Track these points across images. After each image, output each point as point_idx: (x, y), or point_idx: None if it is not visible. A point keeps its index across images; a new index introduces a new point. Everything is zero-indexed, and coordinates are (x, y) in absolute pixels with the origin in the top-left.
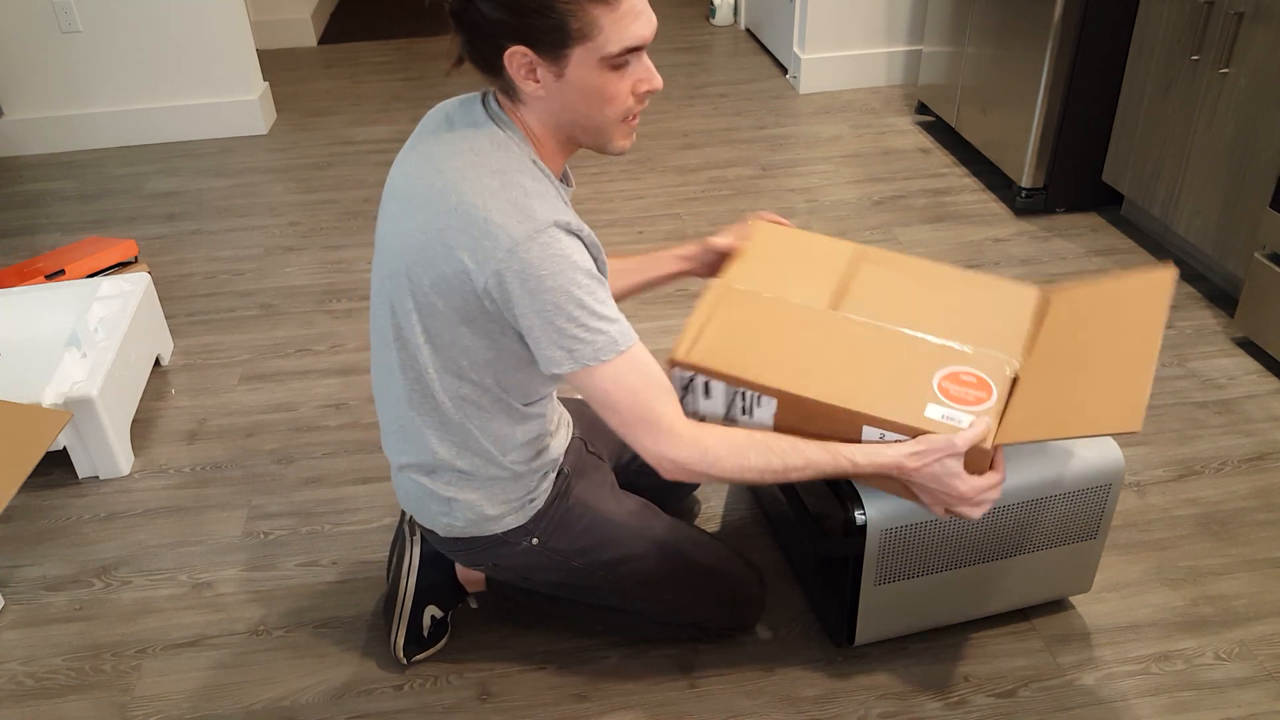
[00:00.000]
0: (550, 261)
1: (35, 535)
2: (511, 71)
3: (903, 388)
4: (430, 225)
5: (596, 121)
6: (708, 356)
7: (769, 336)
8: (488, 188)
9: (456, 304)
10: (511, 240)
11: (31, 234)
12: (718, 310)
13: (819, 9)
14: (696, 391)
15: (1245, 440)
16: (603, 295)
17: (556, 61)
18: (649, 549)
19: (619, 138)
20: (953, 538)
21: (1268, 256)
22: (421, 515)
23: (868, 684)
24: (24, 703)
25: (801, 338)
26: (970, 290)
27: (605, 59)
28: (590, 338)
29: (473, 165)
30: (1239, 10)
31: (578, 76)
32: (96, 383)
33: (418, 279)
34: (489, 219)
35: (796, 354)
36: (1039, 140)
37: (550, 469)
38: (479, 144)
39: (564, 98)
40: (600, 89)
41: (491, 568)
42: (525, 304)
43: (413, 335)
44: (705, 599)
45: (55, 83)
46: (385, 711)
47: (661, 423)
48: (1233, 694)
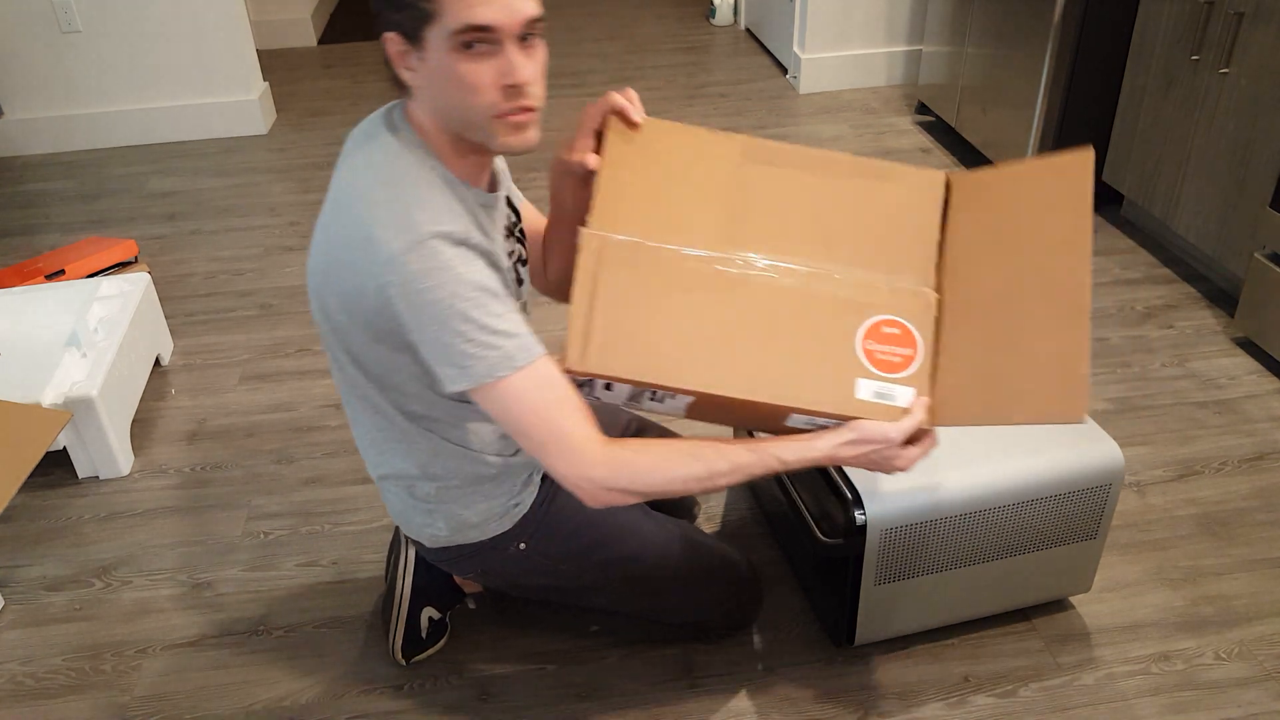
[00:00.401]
0: (430, 274)
1: (35, 535)
2: (391, 59)
3: (826, 364)
4: (328, 244)
5: (466, 113)
6: (604, 361)
7: (669, 322)
8: (375, 200)
9: (362, 323)
10: (390, 253)
11: (31, 234)
12: (601, 286)
13: (819, 9)
14: (595, 387)
15: (1245, 440)
16: (497, 309)
17: (419, 45)
18: (642, 551)
19: (500, 134)
20: (953, 538)
21: (1268, 256)
22: (407, 527)
23: (867, 684)
24: (24, 703)
25: (706, 318)
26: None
27: (452, 37)
28: (482, 353)
29: (364, 179)
30: (1239, 10)
31: (436, 60)
32: (96, 383)
33: (326, 301)
34: (371, 233)
35: (704, 342)
36: (1039, 140)
37: (534, 470)
38: (374, 156)
39: (433, 85)
40: (458, 75)
41: (481, 574)
42: (410, 319)
43: (342, 357)
44: (701, 600)
45: (55, 83)
46: (385, 711)
47: (572, 440)
48: (1233, 694)
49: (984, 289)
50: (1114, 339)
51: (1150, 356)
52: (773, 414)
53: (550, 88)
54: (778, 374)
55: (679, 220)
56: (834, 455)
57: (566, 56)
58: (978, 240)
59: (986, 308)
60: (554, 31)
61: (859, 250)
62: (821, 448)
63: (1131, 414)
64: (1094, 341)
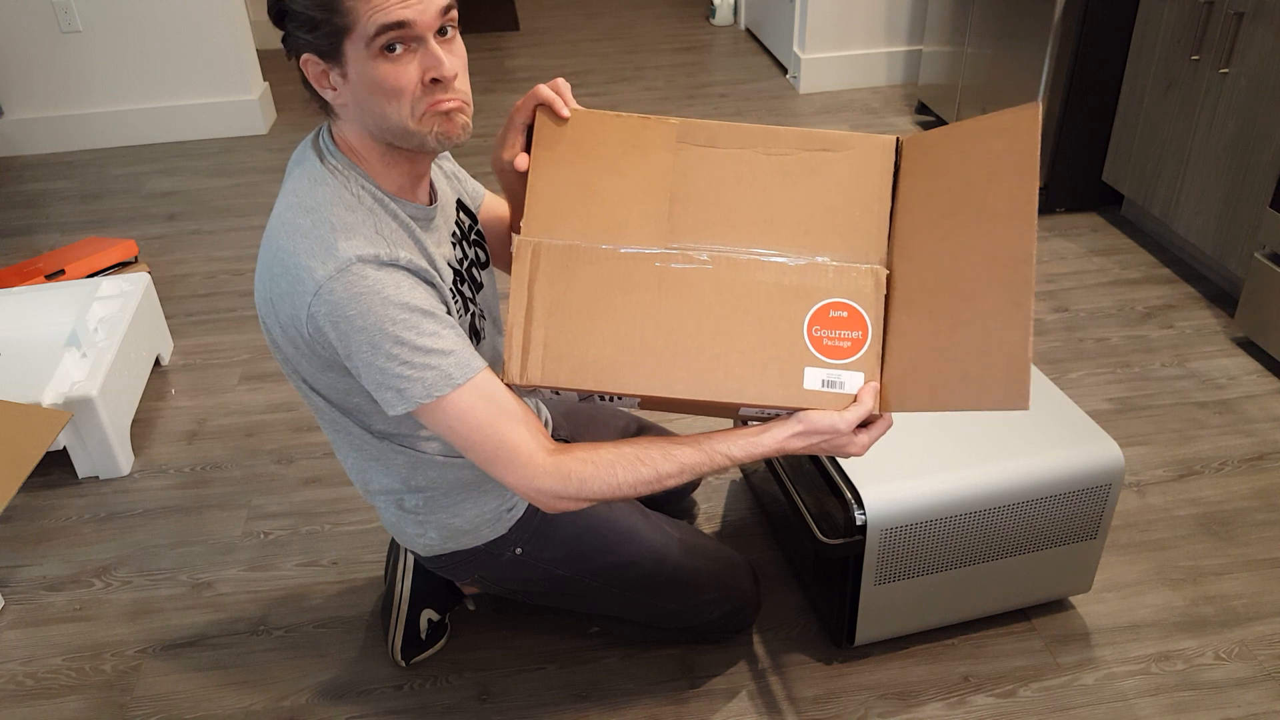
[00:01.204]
0: (355, 300)
1: (35, 535)
2: (312, 81)
3: (772, 355)
4: (262, 276)
5: (395, 120)
6: (545, 373)
7: (610, 327)
8: (299, 229)
9: (305, 351)
10: (315, 282)
11: (31, 234)
12: (538, 294)
13: (819, 9)
14: (541, 392)
15: (1245, 440)
16: (430, 328)
17: (338, 61)
18: (639, 555)
19: (434, 128)
20: (953, 538)
21: (1268, 256)
22: (401, 538)
23: (867, 684)
24: (24, 702)
25: (648, 319)
26: (817, 163)
27: (370, 44)
28: (417, 375)
29: (290, 207)
30: (1239, 10)
31: (358, 72)
32: (96, 383)
33: (273, 332)
34: (297, 263)
35: (647, 344)
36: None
37: None
38: (299, 183)
39: (358, 99)
40: (382, 81)
41: (479, 580)
42: (343, 347)
43: (301, 384)
44: (699, 603)
45: (55, 83)
46: (385, 711)
47: (518, 452)
48: (1233, 694)
49: (932, 263)
50: (1114, 339)
51: (1150, 356)
52: (723, 411)
53: None
54: (723, 371)
55: (616, 216)
56: (783, 447)
57: (566, 56)
58: (925, 209)
59: (934, 284)
60: (554, 31)
61: (805, 229)
62: (768, 442)
63: (1131, 414)
64: (1095, 341)
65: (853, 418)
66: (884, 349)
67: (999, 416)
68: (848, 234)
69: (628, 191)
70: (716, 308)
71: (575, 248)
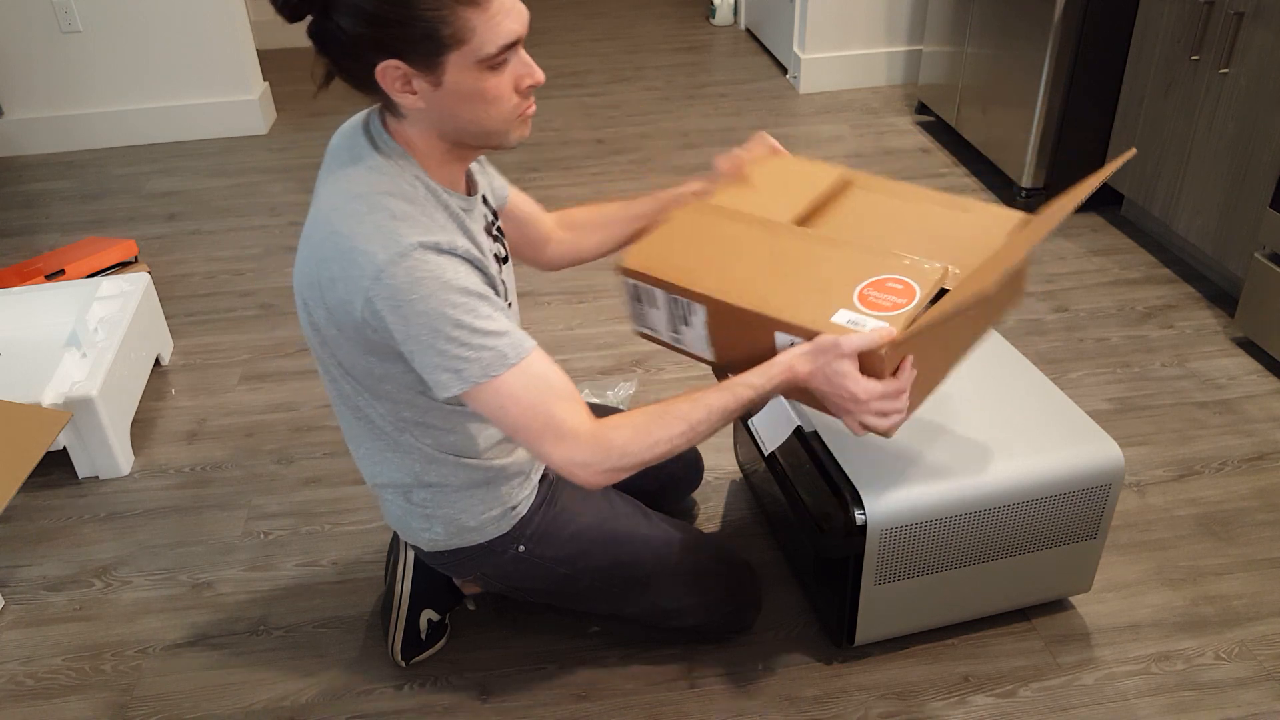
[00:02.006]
0: (417, 285)
1: (35, 535)
2: (386, 87)
3: (821, 293)
4: (311, 258)
5: (484, 125)
6: (646, 263)
7: (709, 246)
8: (355, 214)
9: (351, 335)
10: (376, 267)
11: (31, 234)
12: (673, 223)
13: (819, 9)
14: (644, 302)
15: (1245, 440)
16: (485, 310)
17: (432, 70)
18: (640, 554)
19: (515, 131)
20: (953, 538)
21: (1268, 256)
22: (405, 533)
23: (868, 683)
24: (24, 703)
25: (740, 247)
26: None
27: (483, 61)
28: (475, 355)
29: (342, 192)
30: (1239, 10)
31: (456, 82)
32: (96, 383)
33: (314, 312)
34: (354, 246)
35: (729, 261)
36: (1039, 140)
37: (528, 471)
38: (353, 171)
39: (445, 106)
40: (482, 92)
41: (480, 578)
42: (401, 330)
43: (333, 368)
44: (701, 603)
45: (55, 83)
46: (385, 711)
47: (564, 428)
48: (1233, 694)
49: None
50: (1114, 339)
51: (1150, 356)
52: (763, 329)
53: (550, 88)
54: (773, 293)
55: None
56: (792, 368)
57: (566, 57)
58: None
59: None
60: (554, 32)
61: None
62: (780, 362)
63: (1132, 414)
64: (1095, 341)
65: (855, 341)
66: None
67: (999, 416)
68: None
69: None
70: (798, 254)
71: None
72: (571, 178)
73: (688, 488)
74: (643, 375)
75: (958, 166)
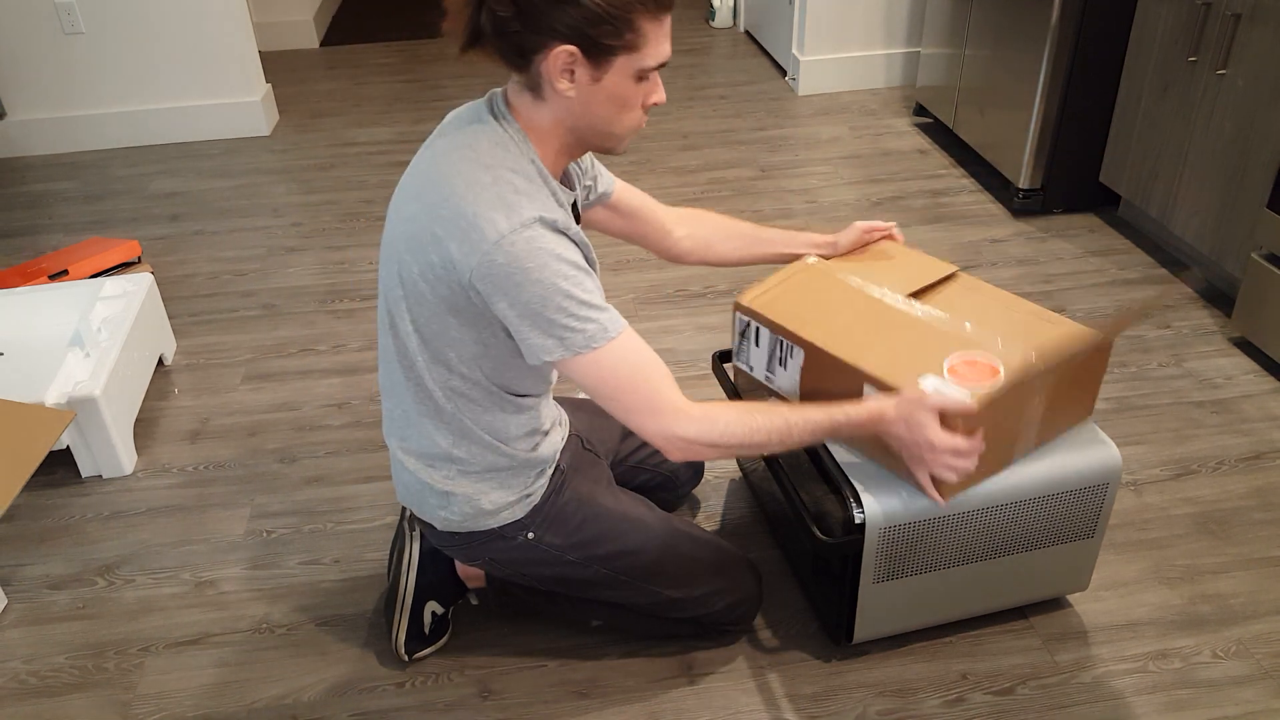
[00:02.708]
0: (535, 255)
1: (38, 534)
2: (547, 67)
3: (914, 358)
4: (422, 215)
5: (613, 127)
6: (761, 304)
7: (821, 301)
8: (479, 182)
9: (444, 294)
10: (498, 234)
11: (35, 234)
12: (794, 275)
13: (818, 11)
14: (749, 338)
15: (1242, 440)
16: (590, 286)
17: (600, 66)
18: (645, 543)
19: (627, 139)
20: (951, 536)
21: (1265, 257)
22: (420, 509)
23: (866, 681)
24: (27, 701)
25: (848, 307)
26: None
27: (641, 71)
28: (581, 326)
29: (467, 160)
30: (1236, 12)
31: (613, 83)
32: (100, 382)
33: (408, 267)
34: (477, 212)
35: (835, 318)
36: (1036, 141)
37: (546, 465)
38: (478, 141)
39: (591, 101)
40: (626, 97)
41: (488, 562)
42: (512, 296)
43: (403, 323)
44: (702, 594)
45: (58, 84)
46: (387, 709)
47: (665, 403)
48: (1230, 692)
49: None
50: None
51: (1147, 356)
52: (853, 380)
53: None
54: (870, 350)
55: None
56: (881, 409)
57: None
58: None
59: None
60: None
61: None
62: (871, 404)
63: (1129, 413)
64: None
65: (933, 398)
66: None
67: None
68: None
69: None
70: (896, 325)
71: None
72: None
73: (688, 485)
74: None
75: (955, 168)
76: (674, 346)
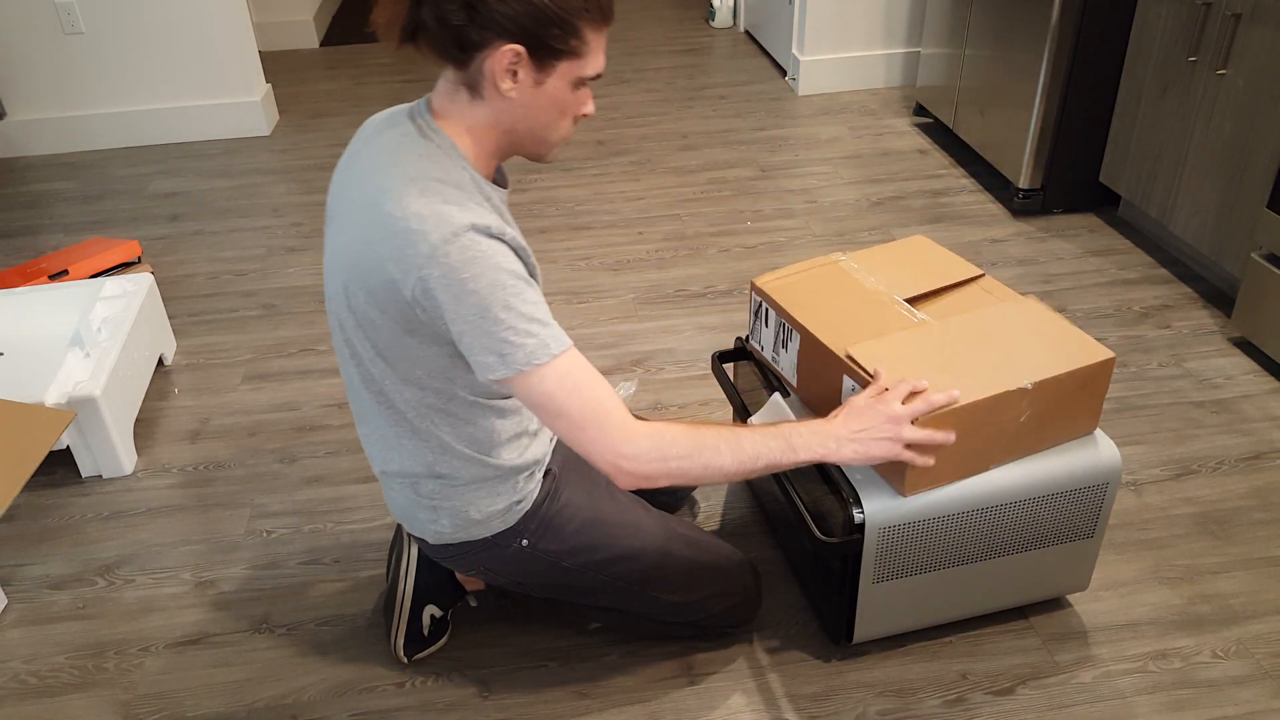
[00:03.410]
0: (471, 264)
1: (38, 534)
2: (490, 65)
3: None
4: (358, 238)
5: (548, 132)
6: (775, 289)
7: (827, 293)
8: (407, 194)
9: (395, 315)
10: (430, 245)
11: (35, 234)
12: (815, 268)
13: (818, 11)
14: (761, 318)
15: (1242, 440)
16: (532, 297)
17: (543, 69)
18: (643, 548)
19: (557, 147)
20: (951, 536)
21: (1265, 257)
22: (411, 524)
23: (866, 681)
24: (27, 701)
25: (851, 304)
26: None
27: (579, 79)
28: (521, 340)
29: (394, 176)
30: (1236, 12)
31: (554, 88)
32: (100, 382)
33: (354, 294)
34: (408, 226)
35: (835, 310)
36: (1036, 141)
37: (535, 469)
38: (402, 155)
39: (532, 104)
40: (563, 104)
41: (484, 572)
42: (451, 309)
43: (365, 352)
44: (701, 597)
45: (58, 84)
46: (387, 709)
47: (613, 419)
48: (1230, 692)
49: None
50: (1111, 339)
51: (1147, 356)
52: (835, 368)
53: None
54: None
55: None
56: (849, 404)
57: None
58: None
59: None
60: None
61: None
62: (829, 421)
63: (1129, 413)
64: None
65: (891, 382)
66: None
67: None
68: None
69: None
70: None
71: (852, 267)
72: (571, 179)
73: (685, 488)
74: (643, 375)
75: (955, 167)
76: (674, 346)
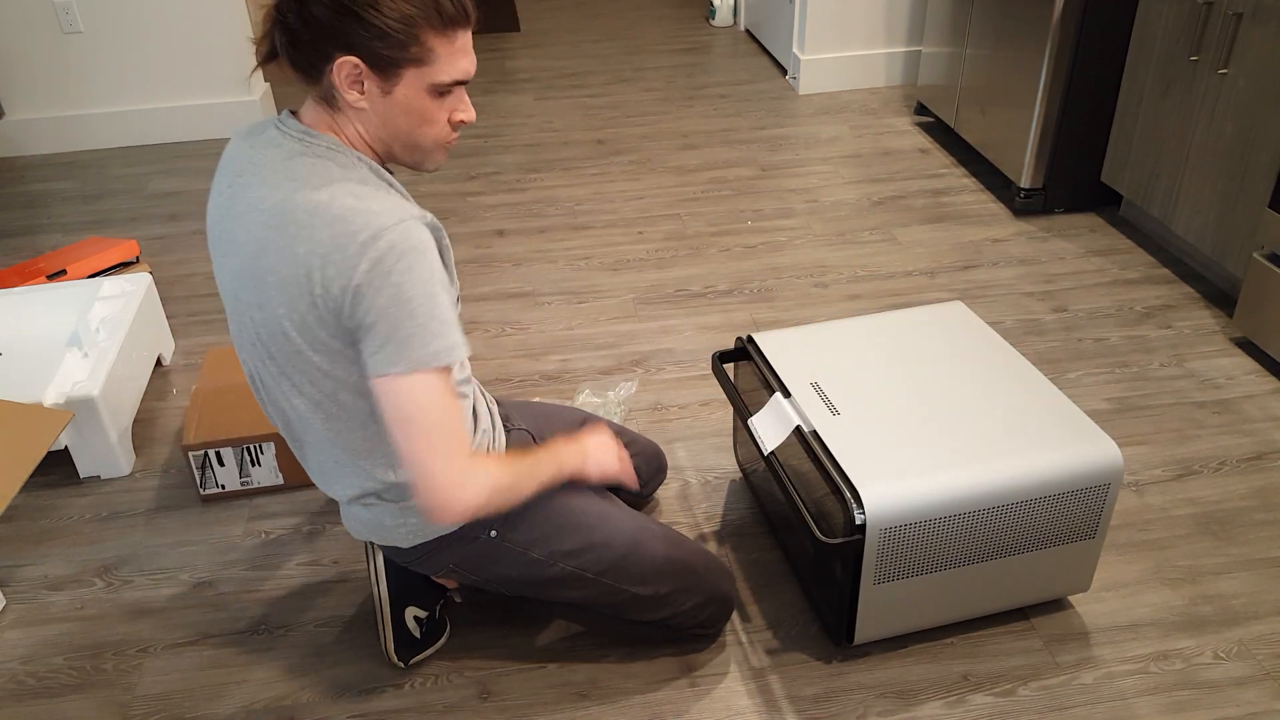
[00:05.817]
0: (408, 255)
1: (37, 535)
2: (335, 79)
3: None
4: (278, 264)
5: (416, 140)
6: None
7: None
8: (320, 204)
9: (334, 331)
10: (365, 238)
11: (33, 234)
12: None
13: (818, 10)
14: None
15: (1244, 440)
16: (446, 300)
17: (387, 79)
18: (611, 537)
19: (437, 157)
20: (952, 537)
21: (1266, 256)
22: (380, 536)
23: (867, 683)
24: (25, 702)
25: None
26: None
27: (435, 86)
28: (427, 341)
29: (296, 193)
30: (1238, 11)
31: (405, 96)
32: (98, 382)
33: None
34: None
35: None
36: (1038, 141)
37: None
38: (297, 168)
39: (386, 113)
40: (423, 111)
41: (453, 570)
42: (370, 298)
43: (313, 372)
44: (670, 591)
45: (56, 83)
46: (386, 710)
47: (462, 446)
48: (1231, 693)
49: None
50: (1113, 339)
51: (1149, 356)
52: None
53: (551, 89)
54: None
55: None
56: (584, 440)
57: (567, 58)
58: None
59: None
60: (554, 33)
61: None
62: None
63: (1130, 414)
64: (1094, 341)
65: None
66: None
67: (998, 416)
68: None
69: None
70: None
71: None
72: (571, 178)
73: (651, 484)
74: (642, 375)
75: (956, 167)
76: (674, 346)
